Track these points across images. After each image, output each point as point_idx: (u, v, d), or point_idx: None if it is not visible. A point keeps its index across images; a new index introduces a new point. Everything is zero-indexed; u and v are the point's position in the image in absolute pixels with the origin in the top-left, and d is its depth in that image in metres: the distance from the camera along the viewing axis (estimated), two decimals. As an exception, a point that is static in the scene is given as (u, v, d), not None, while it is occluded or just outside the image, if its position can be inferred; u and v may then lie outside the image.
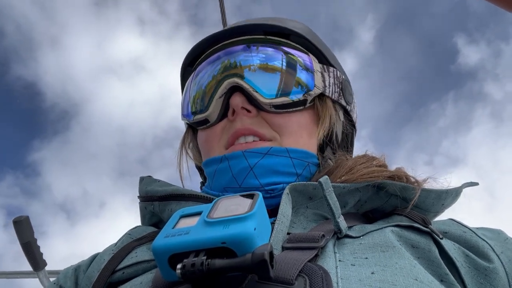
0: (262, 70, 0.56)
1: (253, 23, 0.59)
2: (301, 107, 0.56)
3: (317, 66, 0.59)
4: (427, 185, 0.50)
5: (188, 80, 0.64)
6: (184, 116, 0.64)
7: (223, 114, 0.56)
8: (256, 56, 0.57)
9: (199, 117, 0.58)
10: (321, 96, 0.59)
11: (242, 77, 0.55)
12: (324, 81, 0.59)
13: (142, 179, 0.60)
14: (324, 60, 0.61)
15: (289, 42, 0.59)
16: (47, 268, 1.41)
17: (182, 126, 0.71)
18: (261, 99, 0.54)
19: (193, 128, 0.67)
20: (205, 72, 0.60)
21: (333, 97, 0.60)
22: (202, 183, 0.70)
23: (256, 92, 0.54)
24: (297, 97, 0.55)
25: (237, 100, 0.54)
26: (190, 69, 0.66)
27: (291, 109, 0.55)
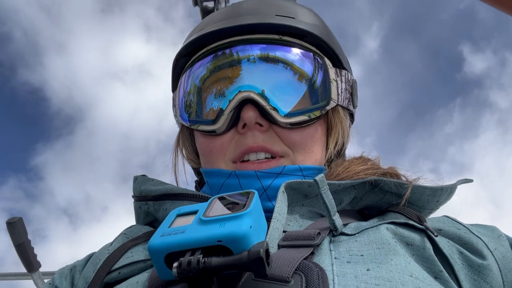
0: (276, 79, 0.52)
1: (267, 22, 0.53)
2: (315, 121, 0.54)
3: (332, 73, 0.55)
4: (421, 183, 0.51)
5: (185, 75, 0.58)
6: (182, 119, 0.58)
7: (232, 125, 0.52)
8: (272, 61, 0.52)
9: (205, 128, 0.54)
10: (335, 107, 0.56)
11: (256, 89, 0.51)
12: (337, 88, 0.56)
13: (136, 178, 0.59)
14: (338, 62, 0.58)
15: (304, 44, 0.55)
16: (41, 269, 1.40)
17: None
18: (278, 118, 0.50)
19: (187, 130, 0.62)
20: (208, 72, 0.54)
21: (343, 105, 0.57)
22: (197, 183, 0.69)
23: (274, 110, 0.50)
24: (314, 114, 0.52)
25: (250, 115, 0.50)
26: (186, 59, 0.59)
27: (305, 125, 0.53)
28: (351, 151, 0.68)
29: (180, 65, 0.61)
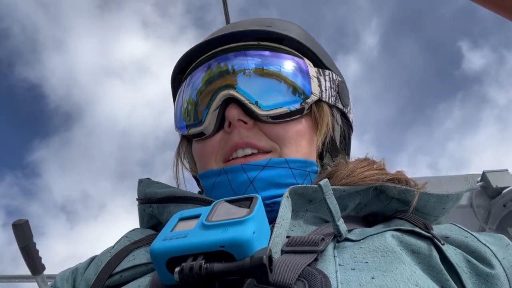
0: (256, 78, 0.55)
1: (245, 29, 0.58)
2: (299, 115, 0.55)
3: (312, 71, 0.58)
4: (427, 189, 0.50)
5: (180, 89, 0.63)
6: (178, 128, 0.62)
7: (219, 126, 0.55)
8: (250, 63, 0.56)
9: (195, 130, 0.57)
10: (318, 101, 0.58)
11: (236, 87, 0.54)
12: (320, 86, 0.58)
13: (141, 181, 0.60)
14: (319, 63, 0.60)
15: (282, 47, 0.58)
16: (45, 272, 1.40)
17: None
18: (258, 111, 0.53)
19: (187, 138, 0.65)
20: (197, 82, 0.58)
21: (330, 102, 0.59)
22: (200, 193, 0.69)
23: (253, 104, 0.53)
24: (294, 106, 0.54)
25: (233, 113, 0.53)
26: (180, 76, 0.64)
27: (288, 119, 0.54)
28: (353, 152, 0.69)
29: (177, 81, 0.66)
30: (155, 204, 0.55)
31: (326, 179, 0.42)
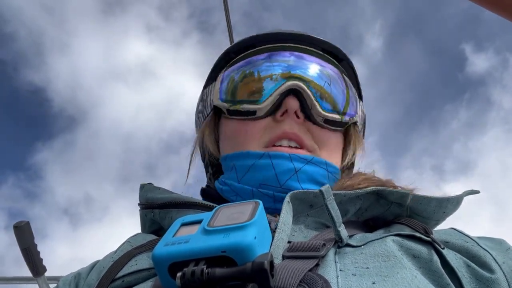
0: (322, 84, 0.59)
1: (312, 36, 0.62)
2: (340, 128, 0.60)
3: (356, 95, 0.64)
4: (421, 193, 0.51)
5: (234, 66, 0.62)
6: (221, 100, 0.60)
7: (272, 112, 0.57)
8: (322, 74, 0.59)
9: (248, 107, 0.57)
10: (354, 124, 0.63)
11: (306, 83, 0.56)
12: (359, 111, 0.64)
13: (142, 186, 0.60)
14: (359, 93, 0.66)
15: (340, 67, 0.63)
16: (46, 274, 1.40)
17: (187, 131, 0.70)
18: (319, 109, 0.56)
19: (216, 117, 0.64)
20: (267, 65, 0.59)
21: (360, 128, 0.65)
22: (209, 179, 0.70)
23: (317, 102, 0.56)
24: (345, 119, 0.59)
25: (293, 104, 0.55)
26: (232, 56, 0.65)
27: (334, 128, 0.58)
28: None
29: (226, 60, 0.66)
30: (157, 210, 0.55)
31: (328, 185, 0.42)
